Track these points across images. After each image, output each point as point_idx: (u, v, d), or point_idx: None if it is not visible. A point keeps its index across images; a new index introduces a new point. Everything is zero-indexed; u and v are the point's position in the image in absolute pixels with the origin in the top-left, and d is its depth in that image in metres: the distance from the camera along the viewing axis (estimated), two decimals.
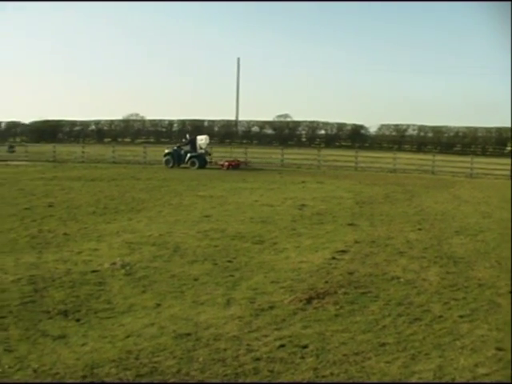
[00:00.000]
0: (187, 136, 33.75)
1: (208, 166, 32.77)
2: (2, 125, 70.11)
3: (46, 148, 42.78)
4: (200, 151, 32.24)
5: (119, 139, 66.46)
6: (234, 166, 32.67)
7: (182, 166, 32.30)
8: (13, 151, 43.96)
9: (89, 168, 31.71)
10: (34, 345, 6.00)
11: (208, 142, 33.38)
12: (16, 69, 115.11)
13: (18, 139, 65.98)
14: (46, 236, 11.78)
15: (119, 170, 30.21)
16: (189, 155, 32.09)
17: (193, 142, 32.41)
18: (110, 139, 65.49)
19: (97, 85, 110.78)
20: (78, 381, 4.82)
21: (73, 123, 69.14)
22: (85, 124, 69.09)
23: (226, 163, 32.62)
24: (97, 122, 69.15)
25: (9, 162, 36.31)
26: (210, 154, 33.59)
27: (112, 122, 69.11)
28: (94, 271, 8.91)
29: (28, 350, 5.85)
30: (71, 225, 13.11)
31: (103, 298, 7.61)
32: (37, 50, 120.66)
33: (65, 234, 11.99)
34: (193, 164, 31.91)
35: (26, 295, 7.63)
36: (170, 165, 32.29)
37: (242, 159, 34.93)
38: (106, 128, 68.98)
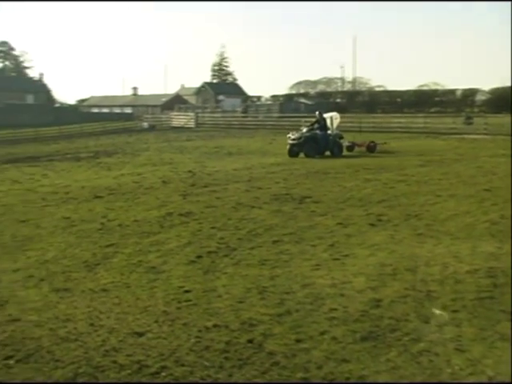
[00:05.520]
0: (317, 113, 27.14)
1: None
2: (458, 92, 69.80)
3: (508, 119, 40.94)
4: (329, 132, 26.51)
5: None
6: (369, 148, 27.92)
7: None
8: (470, 123, 43.11)
9: None
10: (489, 348, 5.82)
11: (339, 120, 28.00)
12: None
13: (475, 109, 65.45)
14: (507, 223, 11.13)
15: None
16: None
17: (323, 122, 26.41)
18: None
19: None
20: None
21: None
22: None
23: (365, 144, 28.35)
24: None
25: (465, 136, 36.39)
26: (342, 137, 27.42)
27: None
28: None
29: (482, 353, 5.69)
30: None
31: None
32: None
33: None
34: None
35: (482, 289, 7.47)
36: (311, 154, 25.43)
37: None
38: None
